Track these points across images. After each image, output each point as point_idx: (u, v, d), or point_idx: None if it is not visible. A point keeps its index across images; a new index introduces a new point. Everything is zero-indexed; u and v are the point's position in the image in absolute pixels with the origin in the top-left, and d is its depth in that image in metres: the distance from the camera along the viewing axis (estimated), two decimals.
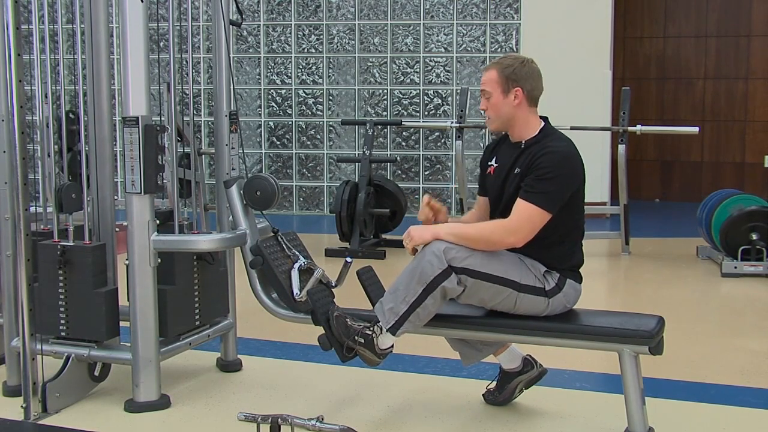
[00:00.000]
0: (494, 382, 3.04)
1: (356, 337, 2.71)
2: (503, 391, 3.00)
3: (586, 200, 2.78)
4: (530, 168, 2.64)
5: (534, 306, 2.67)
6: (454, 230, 2.63)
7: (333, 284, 2.93)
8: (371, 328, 2.71)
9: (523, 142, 2.75)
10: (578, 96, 8.19)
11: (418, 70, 8.66)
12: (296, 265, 2.91)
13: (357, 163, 7.27)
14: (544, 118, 2.79)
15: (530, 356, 2.98)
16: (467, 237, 2.61)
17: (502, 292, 2.63)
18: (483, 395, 3.06)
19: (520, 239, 2.60)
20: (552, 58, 8.32)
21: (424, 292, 2.58)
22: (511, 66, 2.71)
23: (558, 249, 2.71)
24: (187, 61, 3.26)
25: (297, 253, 2.98)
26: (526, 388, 3.00)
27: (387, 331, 2.67)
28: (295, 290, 2.83)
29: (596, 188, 8.33)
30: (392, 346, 2.75)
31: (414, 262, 2.63)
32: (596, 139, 8.15)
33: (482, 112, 2.79)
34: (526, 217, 2.59)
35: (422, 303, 2.59)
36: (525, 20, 8.46)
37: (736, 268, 5.57)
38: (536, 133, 2.74)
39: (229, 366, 3.47)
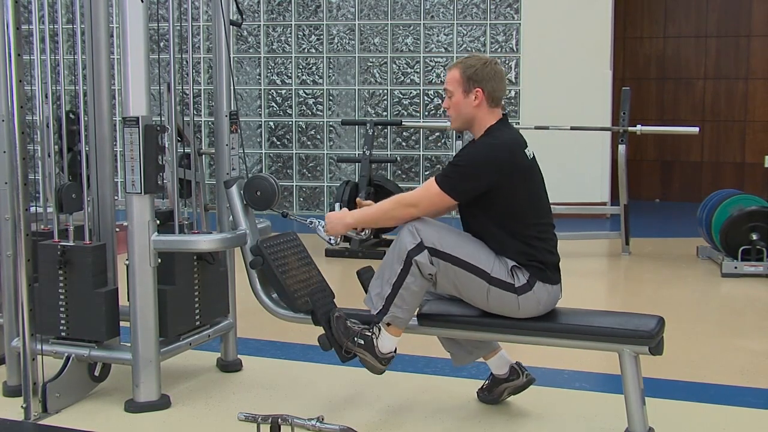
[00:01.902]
0: (487, 382, 3.07)
1: (356, 339, 2.73)
2: (492, 392, 3.04)
3: (585, 200, 2.79)
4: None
5: (505, 303, 2.66)
6: (360, 214, 2.84)
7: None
8: (371, 330, 2.74)
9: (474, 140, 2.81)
10: (578, 96, 8.19)
11: (418, 70, 8.66)
12: (320, 224, 2.97)
13: (357, 163, 7.26)
14: (503, 117, 2.79)
15: (518, 364, 2.99)
16: (372, 217, 2.82)
17: (473, 281, 2.65)
18: (477, 392, 3.10)
19: (419, 211, 2.71)
20: (552, 58, 8.38)
21: (402, 270, 2.64)
22: (473, 66, 2.74)
23: (511, 243, 2.68)
24: (187, 61, 3.26)
25: (312, 219, 3.04)
26: (513, 394, 3.02)
27: (376, 316, 2.70)
28: (331, 239, 2.92)
29: (596, 188, 8.32)
30: (395, 351, 2.76)
31: (393, 243, 2.71)
32: (596, 139, 8.15)
33: (444, 110, 2.83)
34: (424, 190, 2.73)
35: (404, 282, 2.65)
36: (525, 20, 8.46)
37: (736, 268, 5.56)
38: (483, 132, 2.77)
39: (229, 366, 3.47)
